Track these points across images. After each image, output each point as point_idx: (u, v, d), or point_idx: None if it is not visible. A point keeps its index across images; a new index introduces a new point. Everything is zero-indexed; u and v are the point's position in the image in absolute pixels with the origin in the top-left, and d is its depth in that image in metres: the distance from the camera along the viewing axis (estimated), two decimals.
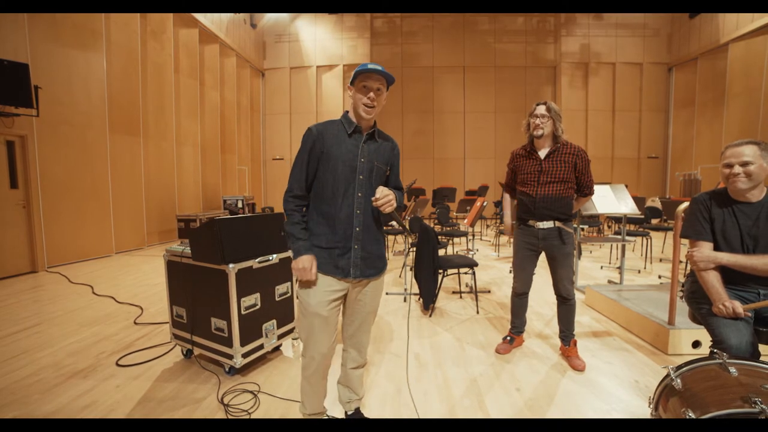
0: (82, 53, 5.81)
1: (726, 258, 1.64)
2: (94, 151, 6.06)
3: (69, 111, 5.61)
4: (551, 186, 2.29)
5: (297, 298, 1.56)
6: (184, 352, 2.52)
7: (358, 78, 1.44)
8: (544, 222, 2.32)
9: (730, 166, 1.63)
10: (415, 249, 3.68)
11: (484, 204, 4.22)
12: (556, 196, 2.30)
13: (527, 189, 2.36)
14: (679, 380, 1.20)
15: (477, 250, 6.58)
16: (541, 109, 2.29)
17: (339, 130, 1.50)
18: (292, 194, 1.50)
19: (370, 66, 1.41)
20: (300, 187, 1.49)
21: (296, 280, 1.46)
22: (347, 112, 1.54)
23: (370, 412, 1.90)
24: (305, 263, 1.44)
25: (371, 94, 1.44)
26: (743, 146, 1.60)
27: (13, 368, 2.38)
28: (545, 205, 2.30)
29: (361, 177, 1.48)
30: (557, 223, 2.32)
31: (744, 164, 1.59)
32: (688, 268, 2.32)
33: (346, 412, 1.76)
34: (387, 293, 3.97)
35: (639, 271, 4.99)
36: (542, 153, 2.34)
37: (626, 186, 4.07)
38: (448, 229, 6.51)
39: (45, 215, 5.26)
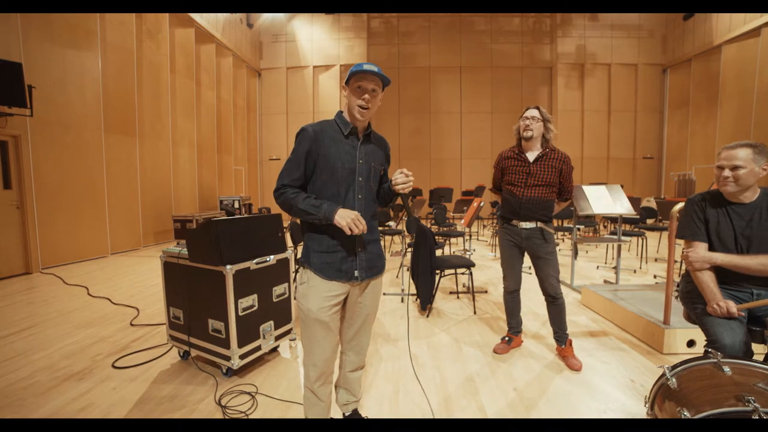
0: (77, 53, 5.77)
1: (720, 258, 1.65)
2: (89, 151, 6.02)
3: (63, 111, 5.57)
4: (537, 189, 2.36)
5: (295, 298, 1.53)
6: (181, 354, 2.51)
7: (353, 78, 1.40)
8: (527, 222, 2.39)
9: (721, 168, 1.65)
10: (412, 249, 3.69)
11: (481, 204, 4.23)
12: (541, 199, 2.36)
13: (514, 189, 2.42)
14: (674, 380, 1.21)
15: (474, 250, 6.60)
16: (532, 112, 2.37)
17: (335, 131, 1.46)
18: (284, 184, 1.42)
19: (366, 67, 1.37)
20: (293, 181, 1.42)
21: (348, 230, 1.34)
22: (341, 112, 1.51)
23: (368, 412, 1.90)
24: (348, 215, 1.34)
25: (366, 96, 1.40)
26: (737, 149, 1.61)
27: (7, 371, 2.36)
28: (529, 206, 2.37)
29: (360, 179, 1.46)
30: (539, 224, 2.38)
31: (734, 168, 1.61)
32: (683, 267, 2.35)
33: (344, 414, 1.76)
34: (384, 293, 3.97)
35: (635, 271, 5.02)
36: (530, 156, 2.39)
37: (622, 186, 4.09)
38: (445, 229, 6.52)
39: (39, 216, 5.22)
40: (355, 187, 1.46)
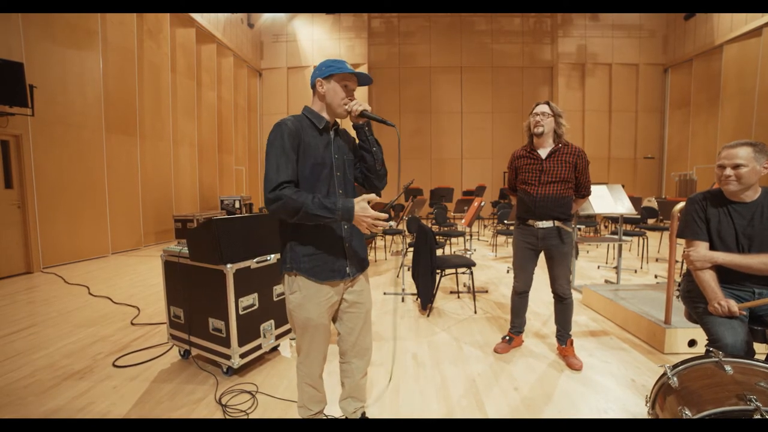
0: (78, 52, 5.77)
1: (722, 257, 1.65)
2: (90, 150, 6.02)
3: (64, 110, 5.58)
4: (552, 186, 2.30)
5: (288, 306, 1.50)
6: (182, 353, 2.51)
7: (339, 76, 1.41)
8: (544, 221, 2.33)
9: (722, 167, 1.65)
10: (412, 249, 3.69)
11: (482, 204, 4.22)
12: (556, 196, 2.30)
13: (528, 188, 2.37)
14: (675, 379, 1.21)
15: (474, 250, 6.59)
16: (542, 108, 2.32)
17: (310, 126, 1.43)
18: (284, 182, 1.29)
19: (357, 70, 1.42)
20: (290, 174, 1.31)
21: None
22: (307, 107, 1.48)
23: (368, 412, 1.90)
24: (366, 218, 1.30)
25: (352, 96, 1.45)
26: (738, 148, 1.61)
27: (8, 370, 2.36)
28: (545, 204, 2.31)
29: (338, 174, 1.46)
30: (556, 223, 2.33)
31: (735, 167, 1.61)
32: (684, 267, 2.34)
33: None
34: (384, 293, 3.97)
35: (635, 271, 5.02)
36: (543, 152, 2.35)
37: (623, 186, 4.09)
38: (446, 229, 6.52)
39: (40, 215, 5.22)
40: (334, 183, 1.45)
